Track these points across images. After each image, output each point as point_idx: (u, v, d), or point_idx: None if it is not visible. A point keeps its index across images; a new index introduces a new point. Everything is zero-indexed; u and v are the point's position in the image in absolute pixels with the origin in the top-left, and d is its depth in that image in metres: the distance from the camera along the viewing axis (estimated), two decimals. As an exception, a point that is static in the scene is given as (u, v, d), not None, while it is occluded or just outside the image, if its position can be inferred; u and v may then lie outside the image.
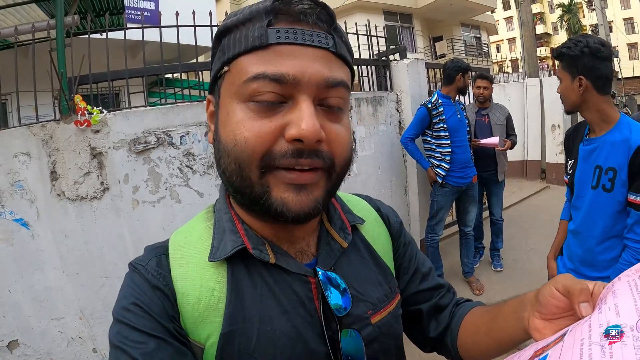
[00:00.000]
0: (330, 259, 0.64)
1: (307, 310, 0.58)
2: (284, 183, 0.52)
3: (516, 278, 3.87)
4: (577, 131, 1.78)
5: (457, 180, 3.45)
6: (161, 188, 2.57)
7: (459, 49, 17.60)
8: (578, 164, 1.69)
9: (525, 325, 0.52)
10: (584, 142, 1.68)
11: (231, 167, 0.53)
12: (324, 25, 0.54)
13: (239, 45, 0.53)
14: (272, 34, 0.51)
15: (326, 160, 0.54)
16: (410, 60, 4.10)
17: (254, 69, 0.51)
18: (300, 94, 0.51)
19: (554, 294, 0.48)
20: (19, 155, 2.27)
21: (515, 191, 6.74)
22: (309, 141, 0.50)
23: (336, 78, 0.54)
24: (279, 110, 0.52)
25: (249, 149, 0.51)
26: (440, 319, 0.76)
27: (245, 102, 0.52)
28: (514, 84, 8.22)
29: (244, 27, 0.53)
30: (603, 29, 11.96)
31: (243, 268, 0.58)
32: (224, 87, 0.56)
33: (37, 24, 2.73)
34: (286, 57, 0.51)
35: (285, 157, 0.51)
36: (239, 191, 0.56)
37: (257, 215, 0.60)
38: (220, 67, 0.56)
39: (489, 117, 4.01)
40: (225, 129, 0.54)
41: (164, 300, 0.55)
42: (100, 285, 2.44)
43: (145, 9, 5.48)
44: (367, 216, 0.75)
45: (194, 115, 2.67)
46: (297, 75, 0.51)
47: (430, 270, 0.80)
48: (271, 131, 0.51)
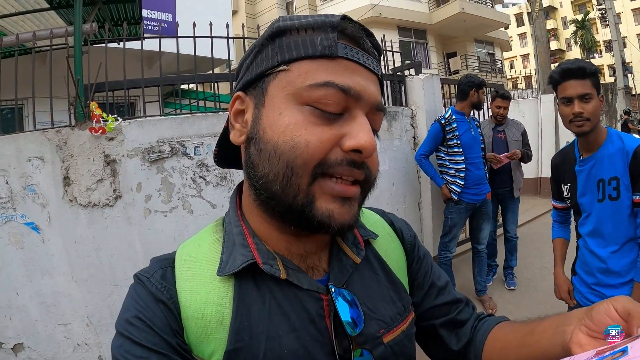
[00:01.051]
0: (343, 275, 0.62)
1: (317, 328, 0.56)
2: (330, 195, 0.52)
3: (530, 297, 3.79)
4: (566, 157, 1.84)
5: (471, 197, 3.40)
6: (174, 198, 2.57)
7: (472, 65, 17.61)
8: (578, 185, 1.74)
9: (566, 339, 0.49)
10: (579, 164, 1.73)
11: (277, 170, 0.52)
12: (375, 53, 0.57)
13: (305, 48, 0.52)
14: (340, 48, 0.52)
15: (368, 173, 0.55)
16: (425, 75, 4.10)
17: (322, 76, 0.51)
18: (358, 109, 0.53)
19: (610, 312, 0.46)
20: (32, 159, 2.29)
21: (529, 209, 6.64)
22: (368, 153, 0.52)
23: (382, 104, 0.57)
24: (337, 121, 0.52)
25: (309, 152, 0.50)
26: (461, 334, 0.72)
27: (303, 105, 0.52)
28: (528, 101, 8.17)
29: (306, 34, 0.53)
30: (617, 44, 11.91)
31: (252, 283, 0.56)
32: (276, 85, 0.54)
33: (56, 31, 2.78)
34: (351, 72, 0.52)
35: (341, 165, 0.51)
36: (276, 198, 0.53)
37: (279, 226, 0.58)
38: (275, 65, 0.54)
39: (505, 134, 3.99)
40: (278, 129, 0.52)
41: (167, 314, 0.54)
42: (109, 293, 2.44)
43: (163, 20, 5.57)
44: (380, 230, 0.73)
45: (209, 126, 2.68)
46: (360, 91, 0.52)
47: (447, 284, 0.77)
48: (331, 139, 0.51)
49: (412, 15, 16.05)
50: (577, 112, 1.59)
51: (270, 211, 0.57)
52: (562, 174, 1.85)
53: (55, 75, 2.47)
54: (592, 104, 1.59)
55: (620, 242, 1.64)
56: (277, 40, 0.55)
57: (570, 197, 1.81)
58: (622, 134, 1.65)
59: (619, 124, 9.43)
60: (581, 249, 1.82)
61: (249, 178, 0.58)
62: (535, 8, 9.10)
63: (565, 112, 1.65)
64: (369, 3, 14.79)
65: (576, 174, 1.75)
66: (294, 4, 18.01)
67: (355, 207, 0.55)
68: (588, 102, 1.59)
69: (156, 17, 5.87)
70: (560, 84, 1.64)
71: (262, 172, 0.53)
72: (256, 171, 0.54)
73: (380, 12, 14.76)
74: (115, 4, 4.51)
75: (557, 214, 2.04)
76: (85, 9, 3.96)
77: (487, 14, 17.29)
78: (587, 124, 1.61)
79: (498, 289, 4.02)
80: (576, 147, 1.78)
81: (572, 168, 1.77)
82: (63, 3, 4.16)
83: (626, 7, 30.24)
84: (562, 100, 1.65)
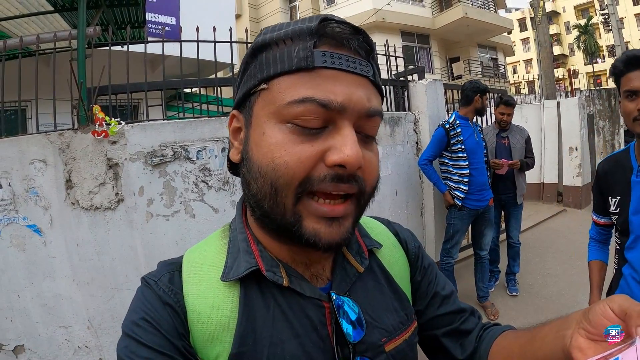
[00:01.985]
0: (346, 284, 0.62)
1: (319, 335, 0.57)
2: (315, 216, 0.51)
3: (532, 303, 3.77)
4: (618, 164, 1.56)
5: (474, 203, 3.39)
6: (176, 202, 2.57)
7: (475, 70, 17.62)
8: (632, 199, 1.46)
9: (566, 343, 0.48)
10: (637, 174, 1.46)
11: (264, 191, 0.52)
12: (363, 53, 0.54)
13: (282, 63, 0.51)
14: (318, 57, 0.50)
15: (361, 185, 0.53)
16: (428, 80, 4.10)
17: (300, 92, 0.50)
18: (343, 120, 0.51)
19: (607, 314, 0.45)
20: (35, 162, 2.30)
21: (532, 214, 6.63)
22: (352, 167, 0.50)
23: (375, 108, 0.54)
24: (320, 135, 0.51)
25: (289, 173, 0.49)
26: (466, 344, 0.72)
27: (284, 123, 0.51)
28: (531, 106, 8.16)
29: (285, 46, 0.52)
30: (620, 49, 11.87)
31: (256, 289, 0.57)
32: (259, 104, 0.54)
33: (59, 34, 2.79)
34: (332, 82, 0.50)
35: (325, 181, 0.50)
36: (267, 216, 0.54)
37: (277, 238, 0.58)
38: (257, 84, 0.54)
39: (508, 140, 3.99)
40: (261, 150, 0.52)
41: (174, 317, 0.54)
42: (110, 296, 2.43)
43: (166, 23, 5.60)
44: (384, 240, 0.73)
45: (212, 130, 2.68)
46: (344, 102, 0.50)
47: (452, 294, 0.77)
48: (312, 156, 0.50)
49: (415, 20, 16.07)
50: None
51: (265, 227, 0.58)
52: (612, 184, 1.56)
53: (59, 77, 2.48)
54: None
55: None
56: (259, 56, 0.54)
57: (618, 213, 1.52)
58: None
59: (621, 129, 9.39)
60: (625, 277, 1.52)
61: (245, 195, 0.58)
62: (538, 13, 9.10)
63: (629, 108, 1.38)
64: (372, 8, 14.82)
65: (631, 185, 1.47)
66: (297, 9, 18.06)
67: (346, 225, 0.54)
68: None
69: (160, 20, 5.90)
70: (625, 74, 1.38)
71: (253, 191, 0.54)
72: (249, 189, 0.55)
73: (383, 17, 14.78)
74: (119, 7, 4.53)
75: (597, 231, 1.75)
76: (89, 12, 3.99)
77: (490, 19, 17.30)
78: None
79: (500, 295, 4.00)
80: (632, 153, 1.51)
81: (626, 178, 1.50)
82: (67, 6, 4.19)
83: (629, 12, 30.18)
84: (626, 94, 1.38)
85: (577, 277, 4.05)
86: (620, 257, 1.57)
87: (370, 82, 0.55)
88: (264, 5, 19.17)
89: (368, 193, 0.56)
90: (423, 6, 16.86)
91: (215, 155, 2.66)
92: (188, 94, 6.14)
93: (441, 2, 17.27)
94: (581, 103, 7.21)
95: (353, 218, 0.55)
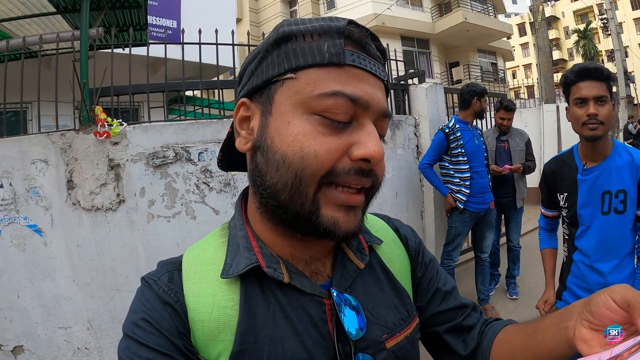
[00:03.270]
0: (346, 281, 0.62)
1: (319, 332, 0.57)
2: (335, 204, 0.52)
3: (532, 306, 3.71)
4: (564, 164, 1.77)
5: (475, 206, 3.39)
6: (177, 203, 2.57)
7: (475, 75, 17.68)
8: (579, 195, 1.67)
9: (569, 335, 0.48)
10: (582, 173, 1.66)
11: (285, 180, 0.52)
12: (380, 58, 0.57)
13: (312, 56, 0.52)
14: (348, 55, 0.52)
15: (375, 180, 0.55)
16: (429, 84, 4.11)
17: (331, 86, 0.51)
18: (366, 118, 0.53)
19: (609, 304, 0.45)
20: (36, 162, 2.30)
21: (532, 218, 6.59)
22: (376, 161, 0.53)
23: (388, 110, 0.56)
24: (346, 130, 0.52)
25: (319, 163, 0.50)
26: (469, 340, 0.72)
27: (312, 114, 0.51)
28: (530, 110, 8.18)
29: (313, 40, 0.52)
30: (619, 54, 11.92)
31: (257, 286, 0.57)
32: (283, 93, 0.53)
33: (62, 34, 2.80)
34: (358, 80, 0.52)
35: (349, 174, 0.52)
36: (284, 206, 0.53)
37: (283, 232, 0.58)
38: (282, 72, 0.53)
39: (508, 143, 3.99)
40: (286, 140, 0.52)
41: (174, 316, 0.54)
42: (111, 297, 2.43)
43: (168, 26, 5.62)
44: (385, 237, 0.73)
45: (213, 132, 2.68)
46: (369, 100, 0.52)
47: (453, 289, 0.76)
48: (340, 148, 0.51)
49: (415, 24, 16.15)
50: (592, 113, 1.52)
51: (276, 219, 0.57)
52: (559, 182, 1.77)
53: (60, 79, 2.48)
54: (606, 108, 1.53)
55: (621, 255, 1.62)
56: (283, 46, 0.54)
57: (567, 207, 1.73)
58: (629, 147, 1.63)
59: (621, 133, 9.41)
60: (576, 263, 1.74)
61: (255, 186, 0.57)
62: (537, 18, 9.15)
63: (578, 114, 1.57)
64: (372, 12, 14.90)
65: (577, 183, 1.68)
66: (297, 13, 18.14)
67: (359, 215, 0.55)
68: (603, 105, 1.53)
69: (161, 23, 5.93)
70: (575, 84, 1.57)
71: (270, 181, 0.53)
72: (263, 180, 0.54)
73: (383, 22, 14.87)
74: (121, 9, 4.54)
75: (546, 222, 1.98)
76: (92, 13, 3.99)
77: (489, 23, 17.40)
78: (601, 128, 1.54)
79: (500, 298, 4.00)
80: (576, 154, 1.72)
81: (571, 177, 1.70)
82: (69, 7, 4.19)
83: (628, 16, 30.34)
84: (575, 101, 1.57)
85: (577, 281, 4.05)
86: (569, 245, 1.78)
87: (384, 86, 0.57)
88: (264, 10, 19.27)
89: (377, 188, 0.58)
90: (423, 11, 16.96)
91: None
92: (189, 97, 6.16)
93: (441, 7, 17.37)
94: (581, 107, 7.21)
95: (363, 210, 0.57)
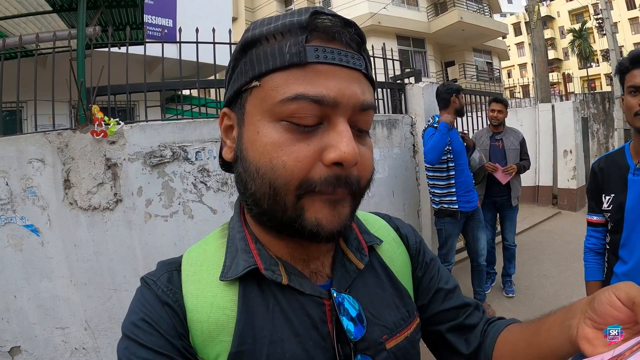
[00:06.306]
0: (346, 281, 0.62)
1: (319, 333, 0.56)
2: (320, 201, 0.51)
3: (528, 304, 3.79)
4: (613, 163, 1.59)
5: (463, 205, 3.35)
6: (174, 203, 2.56)
7: (470, 74, 17.70)
8: (628, 197, 1.49)
9: (572, 334, 0.48)
10: (634, 173, 1.48)
11: (263, 190, 0.51)
12: (355, 46, 0.53)
13: (273, 60, 0.50)
14: (310, 52, 0.49)
15: (354, 185, 0.52)
16: (425, 83, 4.12)
17: (293, 89, 0.49)
18: (337, 116, 0.50)
19: (614, 302, 0.44)
20: (33, 162, 2.29)
21: (527, 217, 6.66)
22: (349, 164, 0.49)
23: (368, 101, 0.53)
24: (315, 133, 0.50)
25: (288, 174, 0.49)
26: (471, 339, 0.71)
27: (278, 121, 0.50)
28: (526, 109, 8.22)
29: (276, 41, 0.50)
30: (614, 53, 11.97)
31: (256, 288, 0.57)
32: (252, 102, 0.52)
33: (59, 33, 2.78)
34: (325, 77, 0.49)
35: (325, 184, 0.49)
36: (267, 214, 0.53)
37: (276, 234, 0.58)
38: (248, 81, 0.52)
39: (502, 142, 4.00)
40: (257, 150, 0.51)
41: (173, 317, 0.54)
42: (108, 297, 2.42)
43: (164, 25, 5.60)
44: (385, 236, 0.72)
45: (211, 131, 2.68)
46: (337, 97, 0.49)
47: (456, 288, 0.75)
48: (309, 155, 0.49)
49: (411, 24, 16.14)
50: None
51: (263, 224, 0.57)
52: (607, 181, 1.59)
53: (57, 78, 2.47)
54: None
55: None
56: (249, 52, 0.53)
57: (611, 211, 1.55)
58: None
59: (616, 132, 9.47)
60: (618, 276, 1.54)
61: (240, 194, 0.57)
62: (533, 18, 9.18)
63: (631, 103, 1.43)
64: (367, 12, 14.87)
65: (628, 183, 1.50)
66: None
67: (346, 211, 0.53)
68: None
69: (157, 22, 5.91)
70: (630, 71, 1.44)
71: (250, 190, 0.53)
72: (245, 188, 0.54)
73: (379, 21, 14.84)
74: (117, 8, 4.52)
75: (593, 236, 1.72)
76: (88, 12, 3.96)
77: (485, 23, 17.42)
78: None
79: (497, 296, 4.02)
80: (627, 152, 1.55)
81: (621, 176, 1.53)
82: (66, 6, 4.16)
83: (623, 16, 30.47)
84: (629, 90, 1.44)
85: (572, 279, 4.08)
86: (610, 255, 1.60)
87: (363, 75, 0.54)
88: (260, 9, 19.24)
89: (363, 187, 0.56)
90: (419, 10, 16.95)
91: (214, 156, 2.66)
92: (186, 96, 6.13)
93: (437, 7, 17.38)
94: (575, 107, 7.28)
95: (350, 209, 0.54)
